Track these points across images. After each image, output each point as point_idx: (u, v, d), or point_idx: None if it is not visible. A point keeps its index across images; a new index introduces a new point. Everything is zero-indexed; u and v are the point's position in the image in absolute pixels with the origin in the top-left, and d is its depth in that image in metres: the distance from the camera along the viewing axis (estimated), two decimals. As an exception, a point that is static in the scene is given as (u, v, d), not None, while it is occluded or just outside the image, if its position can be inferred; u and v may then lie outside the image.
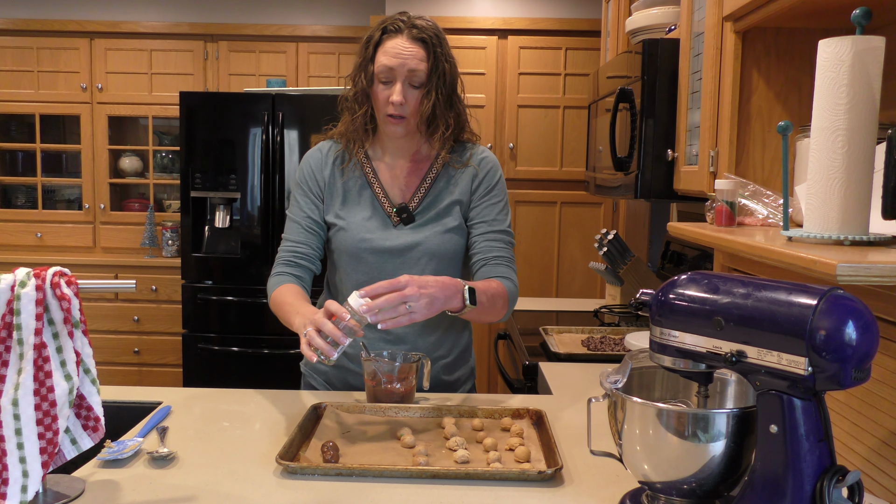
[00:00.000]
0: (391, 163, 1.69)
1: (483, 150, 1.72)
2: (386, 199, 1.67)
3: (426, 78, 1.57)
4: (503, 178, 1.72)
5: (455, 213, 1.67)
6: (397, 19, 1.58)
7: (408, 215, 1.65)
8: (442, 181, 1.68)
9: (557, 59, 3.89)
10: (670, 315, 0.98)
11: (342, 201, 1.68)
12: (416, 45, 1.56)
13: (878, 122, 0.97)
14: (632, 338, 2.13)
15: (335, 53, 4.29)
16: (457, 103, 1.64)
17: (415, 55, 1.55)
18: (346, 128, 1.68)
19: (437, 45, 1.58)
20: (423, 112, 1.59)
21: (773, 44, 1.49)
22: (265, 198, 3.64)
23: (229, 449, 1.32)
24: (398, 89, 1.56)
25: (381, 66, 1.56)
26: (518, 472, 1.19)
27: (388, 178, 1.68)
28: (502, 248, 1.65)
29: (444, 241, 1.65)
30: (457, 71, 1.64)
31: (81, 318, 1.11)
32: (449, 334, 1.72)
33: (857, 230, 0.98)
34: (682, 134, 1.82)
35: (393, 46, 1.56)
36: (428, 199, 1.67)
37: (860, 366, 0.84)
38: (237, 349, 3.66)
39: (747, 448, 0.96)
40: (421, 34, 1.56)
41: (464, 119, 1.68)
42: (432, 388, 1.69)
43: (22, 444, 1.06)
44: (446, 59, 1.59)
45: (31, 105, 4.33)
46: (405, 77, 1.56)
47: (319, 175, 1.70)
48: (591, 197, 3.67)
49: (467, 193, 1.67)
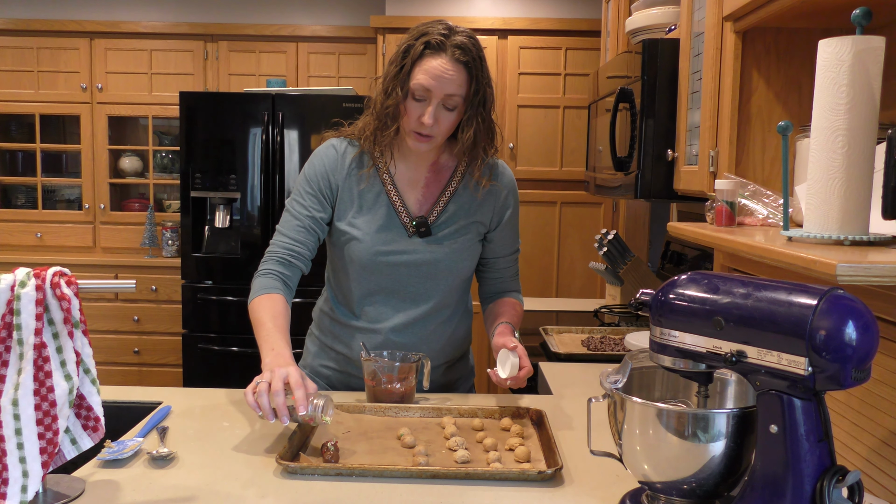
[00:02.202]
0: (410, 170, 1.64)
1: (503, 167, 1.70)
2: (403, 209, 1.62)
3: (462, 102, 1.52)
4: (518, 194, 1.72)
5: (474, 232, 1.65)
6: (440, 34, 1.50)
7: (426, 229, 1.61)
8: (463, 196, 1.64)
9: (557, 59, 3.89)
10: (670, 315, 0.98)
11: (357, 209, 1.61)
12: (457, 67, 1.49)
13: (878, 122, 0.97)
14: (632, 338, 2.13)
15: (335, 53, 4.29)
16: (491, 124, 1.59)
17: (454, 80, 1.49)
18: (371, 133, 1.59)
19: (478, 69, 1.51)
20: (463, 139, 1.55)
21: (773, 44, 1.49)
22: (265, 198, 3.64)
23: (229, 449, 1.32)
24: (431, 111, 1.50)
25: (418, 84, 1.49)
26: (518, 472, 1.19)
27: (406, 186, 1.63)
28: (512, 265, 1.76)
29: (463, 259, 1.65)
30: (493, 92, 1.58)
31: (81, 318, 1.11)
32: (452, 339, 1.73)
33: (857, 230, 0.98)
34: (682, 134, 1.82)
35: (434, 67, 1.48)
36: (447, 213, 1.63)
37: (860, 366, 0.84)
38: (237, 349, 3.66)
39: (747, 448, 0.96)
40: (464, 57, 1.49)
41: (496, 141, 1.63)
42: (431, 388, 1.70)
43: (22, 444, 1.06)
44: (487, 83, 1.54)
45: (31, 105, 4.32)
46: (441, 99, 1.50)
47: (333, 177, 1.62)
48: (591, 197, 3.67)
49: (489, 216, 1.66)
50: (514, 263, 1.76)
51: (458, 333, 1.73)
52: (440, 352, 1.69)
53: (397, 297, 1.63)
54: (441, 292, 1.65)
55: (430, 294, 1.64)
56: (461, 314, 1.73)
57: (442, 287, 1.64)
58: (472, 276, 1.74)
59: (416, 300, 1.64)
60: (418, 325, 1.65)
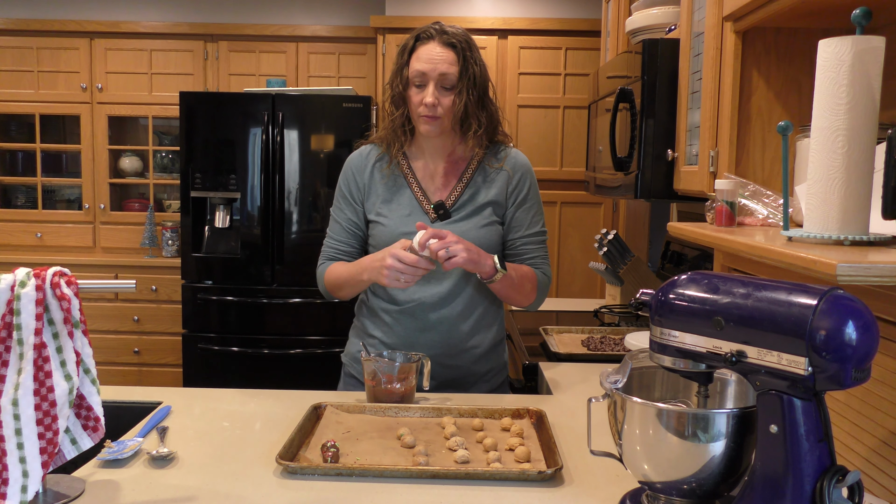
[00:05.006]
0: (428, 162, 1.77)
1: (516, 153, 1.81)
2: (424, 197, 1.74)
3: (457, 80, 1.65)
4: (535, 178, 1.81)
5: (489, 211, 1.74)
6: (429, 27, 1.69)
7: (444, 211, 1.72)
8: (479, 180, 1.76)
9: (557, 59, 3.89)
10: (670, 315, 0.98)
11: (383, 200, 1.75)
12: (446, 49, 1.65)
13: (878, 122, 0.97)
14: (632, 338, 2.13)
15: (335, 53, 4.29)
16: (488, 104, 1.72)
17: (445, 59, 1.65)
18: (385, 132, 1.77)
19: (466, 49, 1.67)
20: (455, 112, 1.67)
21: (773, 44, 1.49)
22: (265, 198, 3.64)
23: (229, 449, 1.32)
24: (431, 91, 1.64)
25: (414, 70, 1.66)
26: (518, 472, 1.19)
27: (426, 176, 1.76)
28: (536, 247, 1.78)
29: (481, 236, 1.71)
30: (487, 74, 1.72)
31: (81, 318, 1.11)
32: (481, 324, 1.75)
33: (857, 230, 0.98)
34: (682, 134, 1.82)
35: (425, 52, 1.66)
36: (465, 196, 1.74)
37: (860, 366, 0.84)
38: (237, 349, 3.66)
39: (747, 448, 0.96)
40: (451, 39, 1.66)
41: (496, 119, 1.75)
42: (464, 379, 1.73)
43: (22, 444, 1.06)
44: (476, 62, 1.68)
45: (31, 105, 4.32)
46: (437, 80, 1.65)
47: (360, 177, 1.78)
48: (591, 197, 3.67)
49: (503, 196, 1.76)
50: (540, 246, 1.79)
51: (486, 319, 1.76)
52: (469, 333, 1.73)
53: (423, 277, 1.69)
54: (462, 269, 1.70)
55: (452, 271, 1.70)
56: (489, 299, 1.76)
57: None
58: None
59: (441, 278, 1.71)
60: (447, 304, 1.71)
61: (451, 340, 1.71)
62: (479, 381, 1.78)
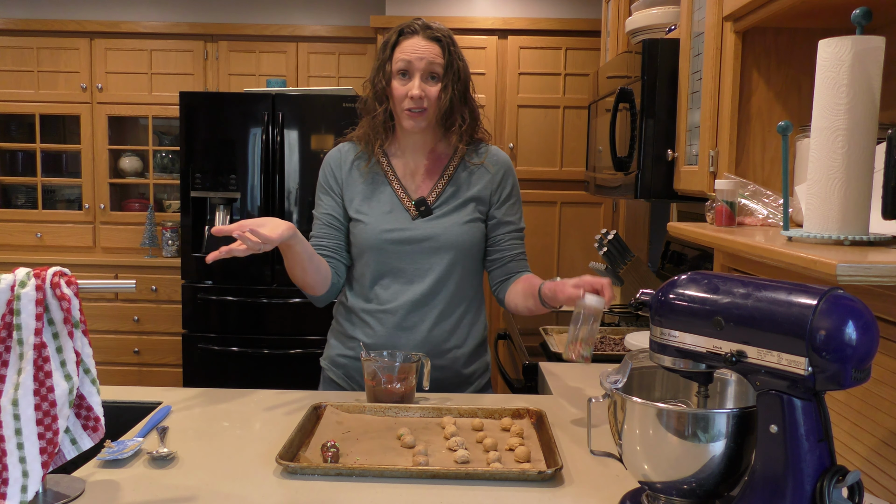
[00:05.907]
0: (409, 160, 1.76)
1: (496, 150, 1.81)
2: (405, 195, 1.73)
3: (443, 73, 1.65)
4: (516, 175, 1.81)
5: (471, 208, 1.74)
6: (412, 22, 1.69)
7: (426, 208, 1.71)
8: (461, 176, 1.75)
9: (557, 59, 3.89)
10: (670, 315, 0.98)
11: (362, 197, 1.74)
12: (431, 43, 1.66)
13: (878, 122, 0.97)
14: (632, 338, 2.13)
15: (335, 53, 4.29)
16: (471, 100, 1.73)
17: (430, 50, 1.65)
18: (364, 129, 1.75)
19: (450, 44, 1.68)
20: (441, 106, 1.66)
21: (773, 44, 1.49)
22: (265, 198, 3.64)
23: (229, 449, 1.32)
24: (417, 83, 1.64)
25: (399, 62, 1.65)
26: (518, 472, 1.19)
27: (406, 174, 1.75)
28: (520, 244, 1.80)
29: (462, 233, 1.71)
30: (468, 70, 1.72)
31: (81, 318, 1.11)
32: (463, 324, 1.75)
33: (857, 230, 0.98)
34: (682, 134, 1.82)
35: (410, 45, 1.66)
36: (446, 193, 1.73)
37: (860, 366, 0.84)
38: (237, 349, 3.66)
39: (747, 448, 0.96)
40: (435, 34, 1.67)
41: (478, 115, 1.76)
42: (448, 381, 1.72)
43: (22, 444, 1.06)
44: (459, 57, 1.69)
45: (31, 105, 4.32)
46: (423, 71, 1.64)
47: (338, 173, 1.76)
48: (591, 197, 3.67)
49: (487, 193, 1.76)
50: (519, 243, 1.79)
51: (467, 318, 1.75)
52: (449, 332, 1.72)
53: (405, 276, 1.70)
54: (445, 265, 1.70)
55: (434, 268, 1.70)
56: (471, 298, 1.76)
57: (446, 260, 1.70)
58: (477, 258, 1.76)
59: (423, 276, 1.70)
60: (427, 304, 1.70)
61: (433, 340, 1.70)
62: (464, 383, 1.77)
